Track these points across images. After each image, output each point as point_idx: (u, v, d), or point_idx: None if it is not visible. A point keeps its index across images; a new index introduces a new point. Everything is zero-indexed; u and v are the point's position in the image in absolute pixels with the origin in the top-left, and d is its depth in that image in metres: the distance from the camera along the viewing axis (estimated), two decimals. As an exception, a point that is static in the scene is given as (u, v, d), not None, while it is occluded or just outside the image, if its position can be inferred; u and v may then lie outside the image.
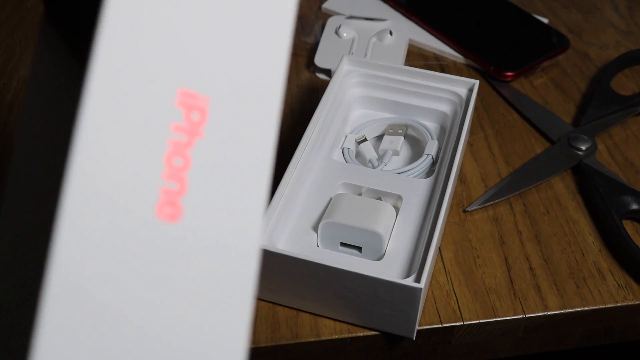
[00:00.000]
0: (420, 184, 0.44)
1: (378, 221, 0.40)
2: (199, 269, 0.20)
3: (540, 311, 0.41)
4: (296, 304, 0.41)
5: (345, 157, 0.47)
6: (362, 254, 0.41)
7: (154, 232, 0.20)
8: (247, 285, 0.21)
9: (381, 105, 0.51)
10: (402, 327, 0.39)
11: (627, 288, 0.43)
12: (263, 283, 0.40)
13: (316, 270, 0.38)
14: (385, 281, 0.37)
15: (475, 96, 0.48)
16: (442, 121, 0.50)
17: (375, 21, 0.61)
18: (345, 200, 0.42)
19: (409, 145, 0.50)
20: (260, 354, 0.40)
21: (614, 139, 0.53)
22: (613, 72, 0.57)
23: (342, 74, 0.50)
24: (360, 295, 0.38)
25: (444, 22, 0.61)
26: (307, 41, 0.60)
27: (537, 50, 0.58)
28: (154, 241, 0.20)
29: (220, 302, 0.20)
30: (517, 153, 0.51)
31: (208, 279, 0.20)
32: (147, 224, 0.20)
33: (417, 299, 0.37)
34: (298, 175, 0.43)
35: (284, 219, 0.42)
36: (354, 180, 0.44)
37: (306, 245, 0.41)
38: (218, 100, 0.22)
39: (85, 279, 0.19)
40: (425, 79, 0.50)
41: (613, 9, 0.65)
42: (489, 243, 0.45)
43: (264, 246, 0.38)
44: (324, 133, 0.47)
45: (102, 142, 0.19)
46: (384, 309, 0.38)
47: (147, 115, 0.20)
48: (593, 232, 0.46)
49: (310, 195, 0.44)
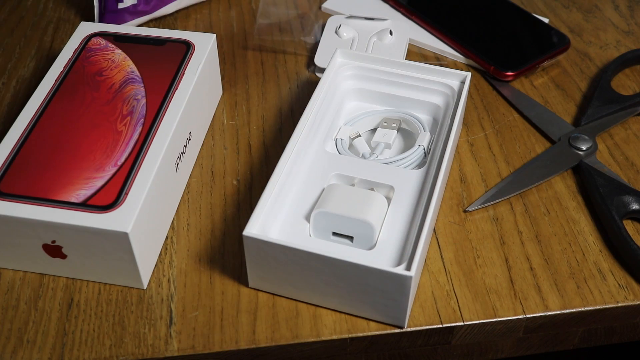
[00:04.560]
0: (412, 174, 0.45)
1: (370, 211, 0.41)
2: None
3: (540, 311, 0.41)
4: (289, 293, 0.41)
5: (338, 148, 0.48)
6: (354, 243, 0.41)
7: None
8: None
9: (374, 98, 0.51)
10: (393, 316, 0.40)
11: (628, 288, 0.43)
12: (257, 273, 0.41)
13: (308, 259, 0.38)
14: (376, 270, 0.37)
15: (468, 88, 0.49)
16: (434, 113, 0.50)
17: (375, 21, 0.61)
18: (338, 190, 0.42)
19: (401, 137, 0.50)
20: (260, 354, 0.40)
21: (614, 138, 0.53)
22: (613, 72, 0.57)
23: (335, 67, 0.51)
24: (352, 284, 0.39)
25: (444, 22, 0.61)
26: (307, 41, 0.60)
27: (537, 50, 0.58)
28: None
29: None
30: (518, 153, 0.51)
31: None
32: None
33: (407, 287, 0.38)
34: (291, 166, 0.44)
35: (277, 209, 0.42)
36: (347, 171, 0.45)
37: (299, 234, 0.42)
38: None
39: None
40: (418, 71, 0.50)
41: (613, 9, 0.65)
42: (489, 243, 0.45)
43: (257, 235, 0.39)
44: (317, 124, 0.48)
45: None
46: (376, 298, 0.39)
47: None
48: (593, 232, 0.46)
49: (303, 186, 0.44)
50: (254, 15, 0.64)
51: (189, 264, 0.44)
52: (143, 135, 0.44)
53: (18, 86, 0.56)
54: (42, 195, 0.41)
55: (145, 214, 0.41)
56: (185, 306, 0.41)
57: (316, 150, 0.46)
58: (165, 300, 0.42)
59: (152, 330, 0.40)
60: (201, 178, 0.49)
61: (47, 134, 0.44)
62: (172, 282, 0.43)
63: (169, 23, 0.63)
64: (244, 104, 0.55)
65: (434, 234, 0.45)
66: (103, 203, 0.40)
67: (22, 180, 0.42)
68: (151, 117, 0.46)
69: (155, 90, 0.47)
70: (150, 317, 0.41)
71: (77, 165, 0.42)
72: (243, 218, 0.46)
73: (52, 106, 0.46)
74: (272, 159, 0.50)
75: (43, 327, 0.40)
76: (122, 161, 0.43)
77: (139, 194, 0.41)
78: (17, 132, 0.45)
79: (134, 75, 0.49)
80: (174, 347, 0.40)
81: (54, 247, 0.41)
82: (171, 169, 0.45)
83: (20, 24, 0.63)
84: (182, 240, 0.45)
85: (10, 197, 0.41)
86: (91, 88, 0.48)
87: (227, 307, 0.41)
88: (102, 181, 0.41)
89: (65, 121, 0.45)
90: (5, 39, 0.61)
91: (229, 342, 0.40)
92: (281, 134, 0.52)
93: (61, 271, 0.43)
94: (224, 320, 0.41)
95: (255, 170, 0.50)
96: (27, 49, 0.60)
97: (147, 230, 0.42)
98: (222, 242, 0.45)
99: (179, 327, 0.40)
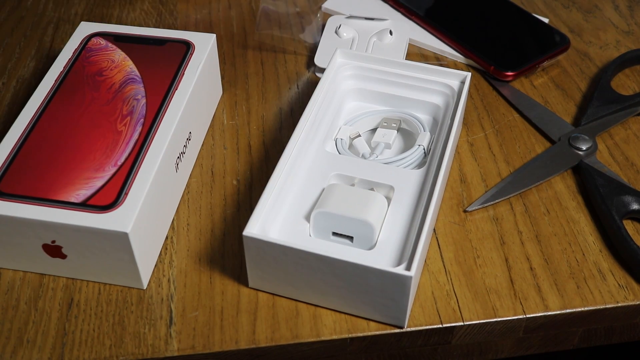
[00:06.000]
0: (412, 174, 0.45)
1: (369, 211, 0.41)
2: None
3: (540, 311, 0.41)
4: (289, 293, 0.41)
5: (338, 148, 0.48)
6: (354, 243, 0.41)
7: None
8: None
9: (374, 98, 0.51)
10: (393, 316, 0.40)
11: (628, 288, 0.43)
12: (257, 273, 0.41)
13: (308, 259, 0.38)
14: (376, 269, 0.37)
15: (468, 88, 0.49)
16: (434, 113, 0.50)
17: (375, 21, 0.61)
18: (338, 190, 0.42)
19: (401, 137, 0.50)
20: (260, 354, 0.40)
21: (614, 138, 0.53)
22: (613, 72, 0.57)
23: (335, 67, 0.51)
24: (352, 284, 0.39)
25: (444, 22, 0.61)
26: (307, 41, 0.60)
27: (537, 50, 0.58)
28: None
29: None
30: (517, 153, 0.51)
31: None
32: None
33: (407, 287, 0.38)
34: (291, 166, 0.44)
35: (277, 209, 0.42)
36: (347, 171, 0.45)
37: (299, 234, 0.42)
38: None
39: None
40: (418, 71, 0.51)
41: (613, 9, 0.65)
42: (489, 243, 0.45)
43: (257, 235, 0.39)
44: (317, 124, 0.48)
45: None
46: (376, 298, 0.39)
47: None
48: (593, 232, 0.46)
49: (303, 186, 0.44)
50: (254, 15, 0.64)
51: (189, 264, 0.44)
52: (143, 135, 0.44)
53: (18, 86, 0.56)
54: (42, 195, 0.41)
55: (145, 214, 0.41)
56: (185, 306, 0.41)
57: (316, 150, 0.46)
58: (165, 300, 0.42)
59: (152, 330, 0.40)
60: (201, 178, 0.49)
61: (47, 134, 0.44)
62: (172, 282, 0.43)
63: (169, 23, 0.63)
64: (244, 104, 0.55)
65: (434, 234, 0.45)
66: (103, 203, 0.40)
67: (22, 180, 0.42)
68: (151, 117, 0.46)
69: (155, 90, 0.47)
70: (150, 317, 0.41)
71: (77, 165, 0.42)
72: (243, 218, 0.46)
73: (52, 106, 0.46)
74: (272, 159, 0.50)
75: (43, 327, 0.40)
76: (122, 161, 0.43)
77: (139, 194, 0.41)
78: (17, 132, 0.45)
79: (134, 75, 0.49)
80: (174, 347, 0.40)
81: (54, 247, 0.41)
82: (171, 169, 0.45)
83: (20, 24, 0.63)
84: (182, 240, 0.45)
85: (10, 197, 0.41)
86: (91, 88, 0.48)
87: (227, 307, 0.41)
88: (102, 181, 0.42)
89: (65, 121, 0.45)
90: (5, 39, 0.61)
91: (229, 342, 0.40)
92: (281, 134, 0.52)
93: (61, 271, 0.43)
94: (224, 320, 0.41)
95: (255, 170, 0.50)
96: (27, 49, 0.60)
97: (147, 230, 0.42)
98: (222, 242, 0.45)
99: (179, 327, 0.40)
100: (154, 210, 0.42)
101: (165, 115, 0.46)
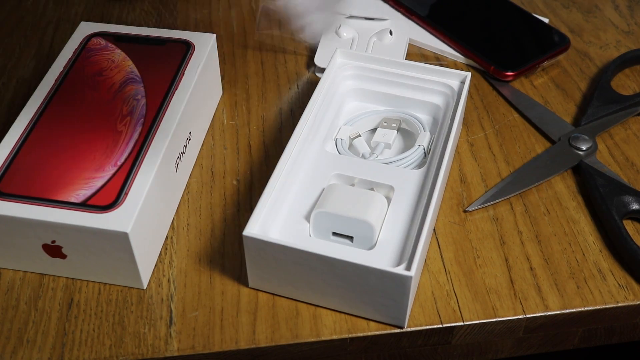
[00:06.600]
0: (412, 174, 0.45)
1: (369, 211, 0.41)
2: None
3: (540, 311, 0.41)
4: (289, 293, 0.41)
5: (338, 148, 0.48)
6: (354, 243, 0.41)
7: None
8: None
9: (374, 98, 0.51)
10: (393, 316, 0.40)
11: (628, 288, 0.43)
12: (257, 273, 0.41)
13: (308, 259, 0.38)
14: (376, 269, 0.37)
15: (468, 88, 0.49)
16: (434, 113, 0.50)
17: (375, 21, 0.61)
18: (338, 190, 0.42)
19: (401, 137, 0.50)
20: (260, 354, 0.40)
21: (614, 138, 0.53)
22: (614, 72, 0.57)
23: (335, 67, 0.51)
24: (352, 284, 0.39)
25: (444, 22, 0.61)
26: (307, 41, 0.60)
27: (537, 50, 0.58)
28: None
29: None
30: (517, 153, 0.51)
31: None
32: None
33: (407, 287, 0.38)
34: (291, 166, 0.44)
35: (277, 209, 0.42)
36: (347, 171, 0.45)
37: (299, 234, 0.42)
38: None
39: None
40: (418, 71, 0.51)
41: (613, 9, 0.65)
42: (489, 243, 0.45)
43: (257, 235, 0.39)
44: (317, 124, 0.48)
45: None
46: (376, 298, 0.39)
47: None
48: (593, 232, 0.46)
49: (303, 186, 0.44)
50: (254, 15, 0.64)
51: (189, 264, 0.44)
52: (143, 135, 0.44)
53: (18, 86, 0.56)
54: (42, 195, 0.41)
55: (145, 214, 0.41)
56: (185, 306, 0.41)
57: (316, 150, 0.46)
58: (165, 300, 0.42)
59: (152, 330, 0.40)
60: (201, 178, 0.49)
61: (47, 133, 0.44)
62: (172, 282, 0.43)
63: (169, 23, 0.63)
64: (244, 104, 0.55)
65: (434, 234, 0.45)
66: (103, 203, 0.40)
67: (22, 180, 0.42)
68: (151, 117, 0.46)
69: (155, 90, 0.47)
70: (150, 317, 0.41)
71: (77, 165, 0.42)
72: (243, 218, 0.46)
73: (52, 106, 0.46)
74: (272, 159, 0.50)
75: (43, 327, 0.40)
76: (122, 161, 0.43)
77: (139, 194, 0.41)
78: (17, 132, 0.45)
79: (134, 75, 0.49)
80: (174, 347, 0.40)
81: (54, 247, 0.41)
82: (171, 169, 0.45)
83: (20, 24, 0.63)
84: (182, 240, 0.45)
85: (10, 197, 0.41)
86: (91, 88, 0.48)
87: (227, 307, 0.41)
88: (102, 181, 0.42)
89: (65, 121, 0.45)
90: (5, 39, 0.61)
91: (229, 342, 0.40)
92: (281, 134, 0.52)
93: (61, 271, 0.43)
94: (224, 320, 0.41)
95: (255, 170, 0.50)
96: (27, 49, 0.60)
97: (147, 230, 0.42)
98: (222, 242, 0.45)
99: (179, 327, 0.40)
100: (154, 210, 0.42)
101: (165, 115, 0.46)
